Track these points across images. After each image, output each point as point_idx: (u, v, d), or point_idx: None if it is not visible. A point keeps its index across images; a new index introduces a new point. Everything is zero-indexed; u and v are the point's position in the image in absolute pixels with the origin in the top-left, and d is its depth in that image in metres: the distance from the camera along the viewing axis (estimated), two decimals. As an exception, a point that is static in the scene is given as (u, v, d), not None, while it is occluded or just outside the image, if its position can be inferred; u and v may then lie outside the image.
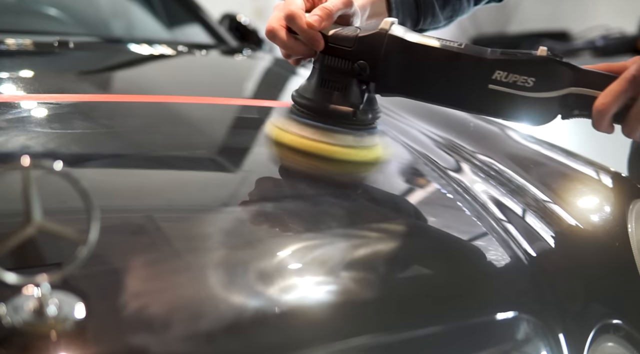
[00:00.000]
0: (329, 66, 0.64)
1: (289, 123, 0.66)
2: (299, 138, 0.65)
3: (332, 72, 0.64)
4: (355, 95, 0.64)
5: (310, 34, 0.63)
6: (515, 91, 0.60)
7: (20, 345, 0.39)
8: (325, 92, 0.65)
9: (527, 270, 0.58)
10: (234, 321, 0.44)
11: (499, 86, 0.60)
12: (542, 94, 0.59)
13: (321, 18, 0.63)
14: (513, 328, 0.53)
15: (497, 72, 0.60)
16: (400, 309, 0.49)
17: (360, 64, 0.63)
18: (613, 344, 0.56)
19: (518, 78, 0.59)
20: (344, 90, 0.64)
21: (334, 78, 0.64)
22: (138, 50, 1.26)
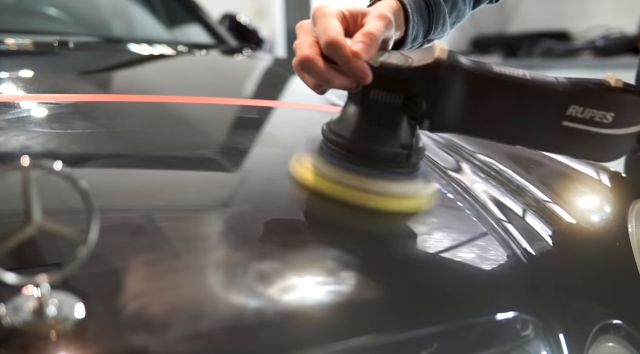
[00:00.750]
0: (375, 101, 0.54)
1: (323, 165, 0.56)
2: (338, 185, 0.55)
3: (379, 108, 0.54)
4: (406, 134, 0.55)
5: (357, 66, 0.52)
6: (593, 128, 0.54)
7: (20, 345, 0.39)
8: (370, 131, 0.54)
9: (527, 270, 0.58)
10: (233, 322, 0.44)
11: (575, 123, 0.54)
12: (621, 130, 0.54)
13: (367, 45, 0.53)
14: (513, 328, 0.53)
15: (572, 107, 0.53)
16: (400, 309, 0.49)
17: (415, 98, 0.53)
18: (613, 345, 0.56)
19: (596, 113, 0.53)
20: (393, 128, 0.54)
21: (382, 115, 0.54)
22: (138, 50, 1.26)
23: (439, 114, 0.54)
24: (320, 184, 0.56)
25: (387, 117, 0.54)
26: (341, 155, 0.56)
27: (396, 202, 0.56)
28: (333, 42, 0.52)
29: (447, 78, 0.53)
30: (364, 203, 0.55)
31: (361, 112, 0.55)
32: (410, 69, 0.53)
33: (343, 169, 0.55)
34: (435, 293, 0.53)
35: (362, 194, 0.54)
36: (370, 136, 0.55)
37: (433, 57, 0.53)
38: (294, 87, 1.15)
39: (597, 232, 0.65)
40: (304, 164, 0.58)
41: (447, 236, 0.62)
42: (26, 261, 0.45)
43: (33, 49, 1.12)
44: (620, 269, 0.62)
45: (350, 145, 0.55)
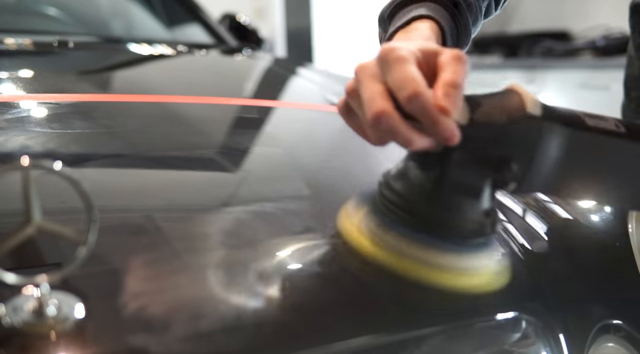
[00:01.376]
0: (460, 164, 0.46)
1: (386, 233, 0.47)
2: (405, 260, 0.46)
3: (463, 172, 0.46)
4: (488, 199, 0.48)
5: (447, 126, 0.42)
6: None
7: (20, 345, 0.39)
8: (450, 199, 0.47)
9: (527, 270, 0.58)
10: (233, 322, 0.44)
11: None
12: None
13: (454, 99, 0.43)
14: (513, 328, 0.53)
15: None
16: (400, 309, 0.49)
17: (507, 161, 0.46)
18: (613, 345, 0.56)
19: None
20: (477, 195, 0.47)
21: (466, 179, 0.46)
22: (138, 50, 1.26)
23: (530, 176, 0.47)
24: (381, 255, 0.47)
25: (472, 182, 0.47)
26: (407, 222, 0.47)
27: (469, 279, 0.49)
28: (419, 98, 0.42)
29: (542, 136, 0.46)
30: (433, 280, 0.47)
31: (440, 176, 0.46)
32: (502, 128, 0.45)
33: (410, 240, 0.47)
34: (434, 293, 0.52)
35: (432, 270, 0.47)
36: (450, 203, 0.47)
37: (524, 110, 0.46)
38: (293, 87, 1.15)
39: (598, 233, 0.65)
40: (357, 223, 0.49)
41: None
42: (26, 261, 0.45)
43: (33, 48, 1.12)
44: (620, 269, 0.62)
45: (423, 213, 0.47)
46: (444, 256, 0.47)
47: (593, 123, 0.48)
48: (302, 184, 0.67)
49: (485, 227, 0.49)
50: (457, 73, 0.44)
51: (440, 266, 0.47)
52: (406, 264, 0.47)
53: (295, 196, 0.63)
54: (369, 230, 0.48)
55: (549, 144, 0.47)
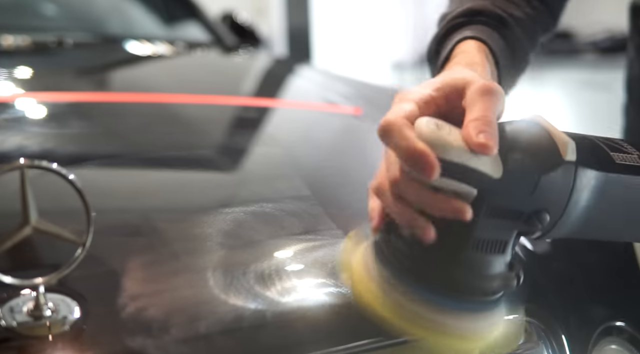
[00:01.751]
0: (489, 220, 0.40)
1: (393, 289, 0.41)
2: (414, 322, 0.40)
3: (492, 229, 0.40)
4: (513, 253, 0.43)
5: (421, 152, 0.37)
6: None
7: (17, 347, 0.39)
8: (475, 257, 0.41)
9: (529, 272, 0.58)
10: (231, 324, 0.44)
11: None
12: None
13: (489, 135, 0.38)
14: (515, 330, 0.52)
15: None
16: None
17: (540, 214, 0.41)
18: (616, 347, 0.55)
19: None
20: (503, 250, 0.41)
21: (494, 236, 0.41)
22: (136, 49, 1.25)
23: (559, 225, 0.42)
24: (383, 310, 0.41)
25: (500, 238, 0.41)
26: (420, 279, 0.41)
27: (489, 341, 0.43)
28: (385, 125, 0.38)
29: (576, 184, 0.42)
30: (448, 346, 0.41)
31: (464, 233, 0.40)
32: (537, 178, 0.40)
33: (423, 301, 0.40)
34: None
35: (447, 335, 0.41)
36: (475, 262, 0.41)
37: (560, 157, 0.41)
38: (292, 86, 1.14)
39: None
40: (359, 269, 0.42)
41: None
42: (23, 263, 0.44)
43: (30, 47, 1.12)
44: (623, 271, 0.62)
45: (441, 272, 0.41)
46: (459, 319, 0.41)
47: (620, 160, 0.44)
48: (302, 184, 0.67)
49: (510, 282, 0.43)
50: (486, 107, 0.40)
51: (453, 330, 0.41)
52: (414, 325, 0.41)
53: (295, 196, 0.63)
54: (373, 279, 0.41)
55: (581, 190, 0.42)
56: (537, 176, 0.40)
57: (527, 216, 0.41)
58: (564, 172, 0.41)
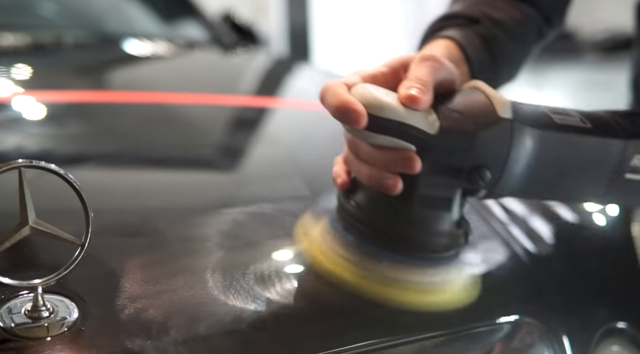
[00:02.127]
0: (430, 176, 0.43)
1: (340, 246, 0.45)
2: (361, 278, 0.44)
3: (434, 184, 0.43)
4: (459, 209, 0.46)
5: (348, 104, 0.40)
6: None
7: (15, 348, 0.39)
8: (419, 212, 0.44)
9: (531, 273, 0.57)
10: (231, 325, 0.44)
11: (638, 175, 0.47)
12: None
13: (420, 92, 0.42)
14: (516, 332, 0.52)
15: (637, 157, 0.47)
16: (402, 313, 0.48)
17: (479, 170, 0.43)
18: (618, 348, 0.55)
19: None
20: (448, 207, 0.44)
21: (437, 192, 0.44)
22: (135, 48, 1.25)
23: (501, 182, 0.45)
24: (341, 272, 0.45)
25: (443, 194, 0.44)
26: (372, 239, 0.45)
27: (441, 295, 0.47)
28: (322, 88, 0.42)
29: (514, 140, 0.44)
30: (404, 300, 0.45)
31: (410, 190, 0.43)
32: (474, 134, 0.43)
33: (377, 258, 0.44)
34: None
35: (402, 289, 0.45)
36: (420, 218, 0.44)
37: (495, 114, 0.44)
38: (292, 86, 1.14)
39: (602, 235, 0.65)
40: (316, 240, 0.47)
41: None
42: (21, 263, 0.44)
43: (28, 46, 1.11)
44: (624, 271, 0.62)
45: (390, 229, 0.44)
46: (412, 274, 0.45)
47: (560, 120, 0.47)
48: (302, 184, 0.66)
49: (458, 240, 0.46)
50: (422, 71, 0.43)
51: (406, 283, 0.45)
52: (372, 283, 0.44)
53: (295, 196, 0.63)
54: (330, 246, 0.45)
55: (520, 147, 0.44)
56: (473, 132, 0.42)
57: (467, 173, 0.43)
58: (500, 129, 0.43)
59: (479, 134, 0.43)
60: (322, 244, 0.46)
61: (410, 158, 0.42)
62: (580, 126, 0.47)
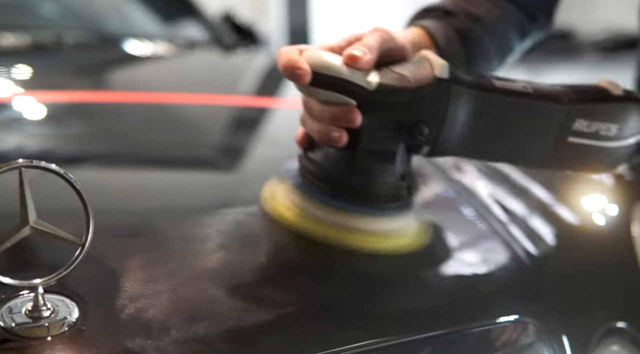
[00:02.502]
0: (371, 130, 0.47)
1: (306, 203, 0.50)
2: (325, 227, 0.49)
3: (376, 138, 0.48)
4: (403, 164, 0.50)
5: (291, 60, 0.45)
6: (598, 142, 0.51)
7: (15, 348, 0.39)
8: (365, 165, 0.48)
9: (530, 273, 0.58)
10: (231, 325, 0.44)
11: (580, 138, 0.50)
12: (623, 142, 0.51)
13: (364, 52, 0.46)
14: (516, 331, 0.52)
15: (578, 122, 0.50)
16: (400, 313, 0.49)
17: (417, 125, 0.47)
18: (618, 348, 0.55)
19: (600, 126, 0.50)
20: (391, 160, 0.49)
21: (379, 145, 0.48)
22: (135, 48, 1.25)
23: (441, 138, 0.49)
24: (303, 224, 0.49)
25: (385, 147, 0.48)
26: (328, 190, 0.49)
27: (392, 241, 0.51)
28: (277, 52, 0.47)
29: (450, 99, 0.48)
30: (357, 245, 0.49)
31: (354, 143, 0.48)
32: (411, 91, 0.47)
33: (332, 208, 0.49)
34: (437, 296, 0.52)
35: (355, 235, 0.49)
36: (366, 169, 0.49)
37: (433, 75, 0.48)
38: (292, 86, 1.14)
39: (602, 235, 0.65)
40: (280, 198, 0.51)
41: (449, 238, 0.61)
42: (22, 263, 0.44)
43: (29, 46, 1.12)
44: (624, 271, 0.62)
45: (339, 179, 0.49)
46: (362, 221, 0.49)
47: (500, 85, 0.50)
48: None
49: (402, 191, 0.50)
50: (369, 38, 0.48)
51: (359, 230, 0.49)
52: (328, 230, 0.49)
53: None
54: (292, 201, 0.50)
55: (458, 106, 0.48)
56: (410, 89, 0.47)
57: (407, 128, 0.47)
58: (438, 87, 0.47)
59: (416, 91, 0.47)
60: (284, 200, 0.51)
61: (351, 112, 0.46)
62: (522, 91, 0.50)
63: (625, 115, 0.51)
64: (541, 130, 0.50)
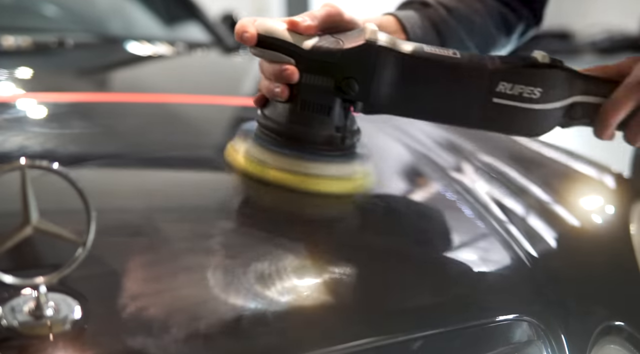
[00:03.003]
0: (308, 85, 0.55)
1: (259, 151, 0.57)
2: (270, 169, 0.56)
3: (312, 92, 0.55)
4: (340, 117, 0.57)
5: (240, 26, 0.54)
6: (522, 103, 0.55)
7: (17, 347, 0.39)
8: (304, 116, 0.56)
9: (529, 272, 0.58)
10: (232, 323, 0.44)
11: (504, 100, 0.55)
12: (548, 105, 0.56)
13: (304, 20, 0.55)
14: (515, 330, 0.52)
15: (502, 84, 0.55)
16: (400, 311, 0.49)
17: (347, 81, 0.55)
18: (615, 346, 0.55)
19: (524, 89, 0.55)
20: (327, 112, 0.56)
21: (316, 99, 0.56)
22: (136, 49, 1.25)
23: (372, 95, 0.56)
24: (255, 170, 0.57)
25: (321, 101, 0.56)
26: (276, 141, 0.57)
27: (334, 184, 0.58)
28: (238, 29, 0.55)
29: (378, 60, 0.55)
30: (300, 186, 0.57)
31: (295, 97, 0.56)
32: (342, 52, 0.54)
33: (278, 154, 0.57)
34: (436, 295, 0.52)
35: (298, 177, 0.56)
36: (305, 120, 0.56)
37: (364, 38, 0.55)
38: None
39: (600, 234, 0.65)
40: (239, 150, 0.59)
41: (448, 238, 0.61)
42: (24, 262, 0.44)
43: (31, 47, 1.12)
44: (622, 270, 0.62)
45: (284, 130, 0.57)
46: (309, 166, 0.57)
47: (430, 50, 0.56)
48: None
49: (336, 140, 0.57)
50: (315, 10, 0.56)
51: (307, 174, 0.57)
52: (282, 175, 0.57)
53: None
54: (250, 153, 0.58)
55: (385, 66, 0.55)
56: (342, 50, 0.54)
57: (339, 83, 0.55)
58: (367, 50, 0.54)
59: (346, 52, 0.54)
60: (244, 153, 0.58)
61: (289, 69, 0.54)
62: (447, 55, 0.56)
63: (549, 80, 0.56)
64: (466, 91, 0.56)
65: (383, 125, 0.81)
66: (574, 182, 0.75)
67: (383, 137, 0.80)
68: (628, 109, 0.56)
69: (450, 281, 0.54)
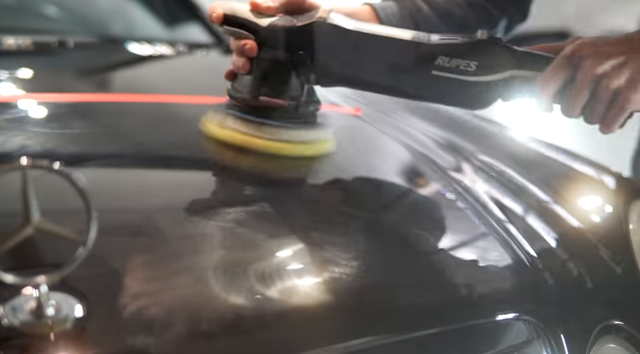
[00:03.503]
0: (266, 59, 0.63)
1: (227, 119, 0.65)
2: (237, 134, 0.63)
3: (270, 65, 0.63)
4: (296, 88, 0.64)
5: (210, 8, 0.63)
6: (458, 76, 0.60)
7: (19, 346, 0.39)
8: (263, 86, 0.63)
9: (528, 271, 0.58)
10: (232, 323, 0.44)
11: (442, 72, 0.60)
12: (484, 78, 0.59)
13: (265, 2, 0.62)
14: (514, 329, 0.52)
15: (440, 58, 0.60)
16: (400, 310, 0.49)
17: (299, 55, 0.62)
18: (614, 346, 0.55)
19: (460, 62, 0.59)
20: (283, 83, 0.63)
21: (273, 71, 0.63)
22: (137, 50, 1.25)
23: (322, 68, 0.62)
24: (224, 136, 0.64)
25: (277, 73, 0.63)
26: (242, 109, 0.64)
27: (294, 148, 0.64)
28: None
29: (327, 35, 0.61)
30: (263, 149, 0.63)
31: (256, 69, 0.63)
32: (294, 28, 0.61)
33: (245, 121, 0.64)
34: (436, 294, 0.52)
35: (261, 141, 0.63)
36: (264, 90, 0.63)
37: (316, 16, 0.61)
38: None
39: (598, 233, 0.65)
40: (212, 120, 0.66)
41: (447, 237, 0.62)
42: (25, 262, 0.45)
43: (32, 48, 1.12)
44: (621, 269, 0.62)
45: (248, 100, 0.64)
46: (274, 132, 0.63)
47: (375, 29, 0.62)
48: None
49: (291, 109, 0.63)
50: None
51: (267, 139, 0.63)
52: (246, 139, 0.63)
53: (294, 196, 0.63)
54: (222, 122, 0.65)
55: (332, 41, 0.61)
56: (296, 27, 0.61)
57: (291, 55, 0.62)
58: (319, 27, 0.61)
59: (299, 29, 0.61)
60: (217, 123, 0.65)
61: (249, 44, 0.62)
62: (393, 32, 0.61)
63: (484, 54, 0.59)
64: (408, 65, 0.61)
65: (383, 125, 0.81)
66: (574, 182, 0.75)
67: (383, 138, 0.80)
68: (559, 81, 0.57)
69: (449, 281, 0.55)
